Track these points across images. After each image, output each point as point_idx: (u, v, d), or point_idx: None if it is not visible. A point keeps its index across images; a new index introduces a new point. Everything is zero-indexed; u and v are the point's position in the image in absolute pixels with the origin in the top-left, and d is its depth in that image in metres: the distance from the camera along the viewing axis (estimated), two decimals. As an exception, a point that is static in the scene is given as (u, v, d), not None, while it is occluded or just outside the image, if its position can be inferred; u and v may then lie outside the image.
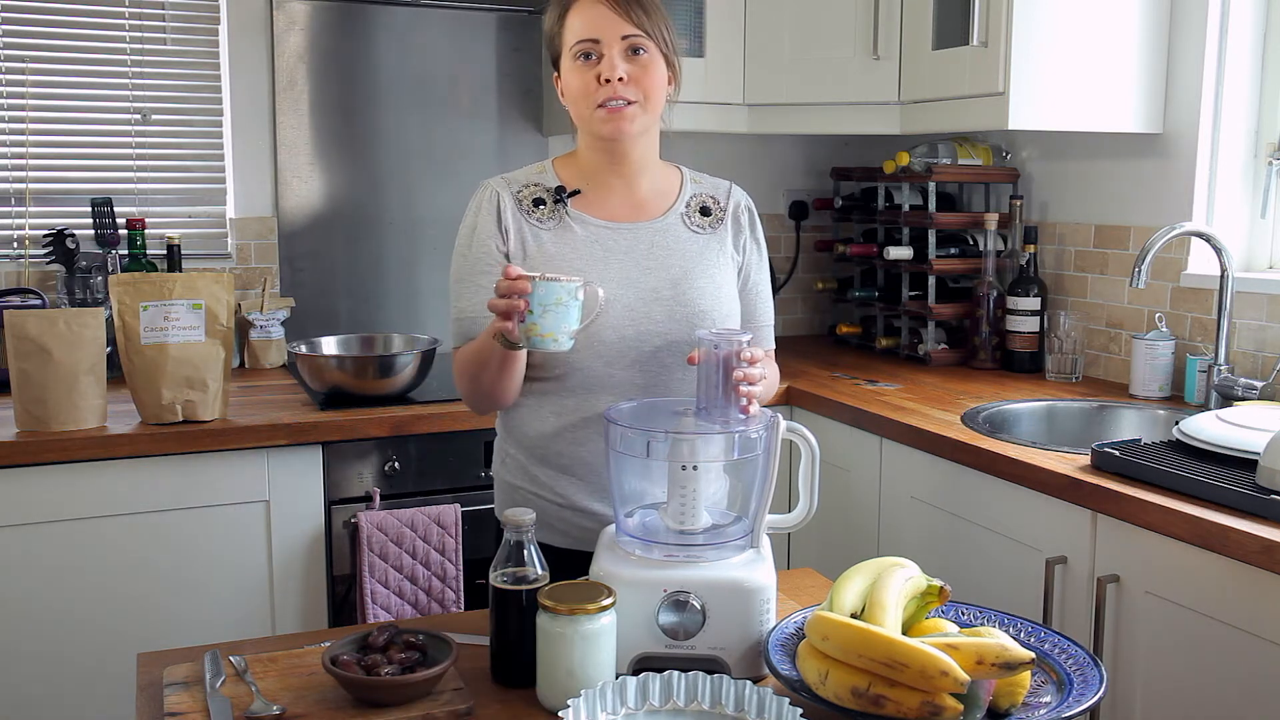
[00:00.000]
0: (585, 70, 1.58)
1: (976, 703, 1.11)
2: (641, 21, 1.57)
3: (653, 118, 1.63)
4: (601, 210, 1.67)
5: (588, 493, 1.65)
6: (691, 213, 1.71)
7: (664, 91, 1.63)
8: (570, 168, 1.71)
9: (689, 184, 1.75)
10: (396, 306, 3.06)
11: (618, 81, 1.56)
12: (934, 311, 2.88)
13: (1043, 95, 2.39)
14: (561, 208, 1.66)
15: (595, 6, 1.58)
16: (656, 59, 1.60)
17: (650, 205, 1.70)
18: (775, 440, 1.35)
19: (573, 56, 1.59)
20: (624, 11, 1.56)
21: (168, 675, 1.29)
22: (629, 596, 1.26)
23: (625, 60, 1.57)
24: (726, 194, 1.77)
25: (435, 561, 2.34)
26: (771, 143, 3.36)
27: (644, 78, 1.59)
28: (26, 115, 2.71)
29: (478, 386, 1.62)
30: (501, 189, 1.67)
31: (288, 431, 2.27)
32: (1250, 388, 2.23)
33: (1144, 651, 1.76)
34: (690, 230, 1.70)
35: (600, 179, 1.68)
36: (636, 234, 1.67)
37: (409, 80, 3.00)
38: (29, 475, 2.12)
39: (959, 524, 2.14)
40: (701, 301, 1.65)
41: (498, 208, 1.66)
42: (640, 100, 1.59)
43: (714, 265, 1.69)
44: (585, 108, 1.60)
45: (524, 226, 1.65)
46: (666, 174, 1.74)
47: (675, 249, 1.67)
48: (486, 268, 1.64)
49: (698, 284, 1.65)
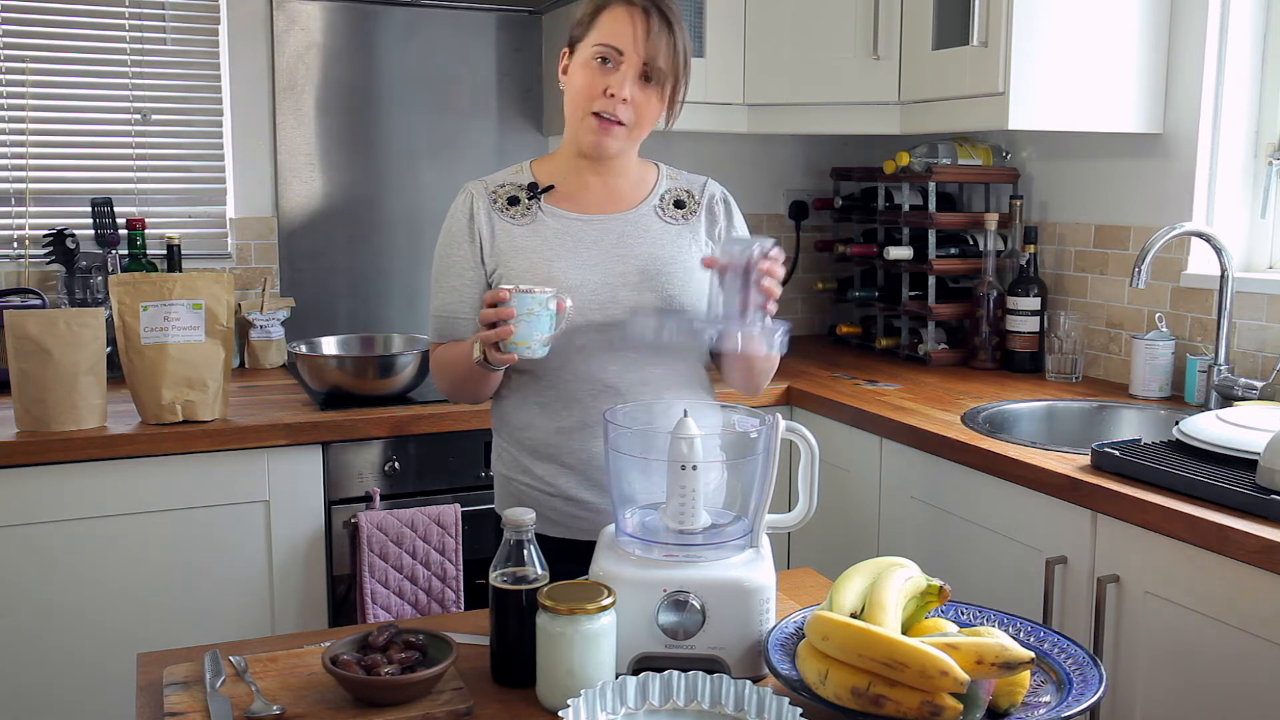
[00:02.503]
0: (597, 73, 1.62)
1: (976, 702, 1.11)
2: (666, 55, 1.62)
3: (635, 142, 1.70)
4: (575, 204, 1.72)
5: (577, 482, 1.69)
6: (665, 205, 1.75)
7: (655, 122, 1.69)
8: (547, 166, 1.76)
9: (664, 179, 1.79)
10: (397, 306, 3.06)
11: (620, 101, 1.61)
12: (934, 311, 2.88)
13: (1043, 95, 2.39)
14: (535, 203, 1.71)
15: (633, 20, 1.61)
16: (663, 92, 1.65)
17: (624, 198, 1.74)
18: (775, 440, 1.35)
19: (591, 55, 1.63)
20: (654, 40, 1.61)
21: (168, 675, 1.29)
22: (629, 596, 1.27)
23: (636, 83, 1.62)
24: (701, 188, 1.80)
25: (435, 561, 2.34)
26: (771, 143, 3.36)
27: (645, 107, 1.64)
28: (26, 115, 2.71)
29: (458, 391, 1.73)
30: (476, 191, 1.74)
31: (288, 431, 2.27)
32: (1250, 388, 2.23)
33: (1144, 651, 1.76)
34: (662, 221, 1.73)
35: (577, 176, 1.73)
36: (607, 224, 1.71)
37: (409, 80, 3.00)
38: (29, 475, 2.12)
39: (959, 524, 2.14)
40: (670, 287, 1.67)
41: (470, 209, 1.72)
42: (630, 124, 1.65)
43: (685, 253, 1.72)
44: (581, 108, 1.65)
45: (496, 224, 1.71)
46: (643, 170, 1.79)
47: (645, 238, 1.71)
48: (458, 270, 1.72)
49: (667, 269, 1.68)
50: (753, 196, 3.30)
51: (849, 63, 2.74)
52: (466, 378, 1.67)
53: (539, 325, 1.51)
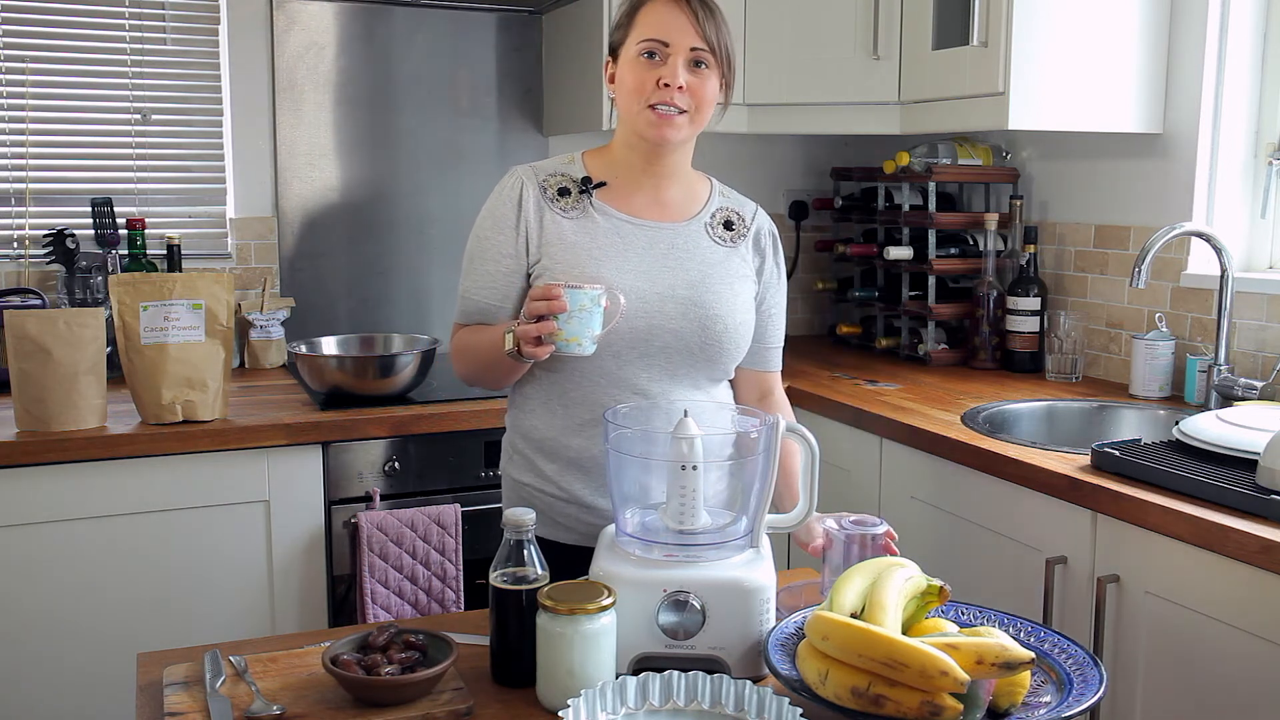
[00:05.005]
0: (647, 68, 1.60)
1: (976, 703, 1.11)
2: (710, 36, 1.61)
3: (697, 129, 1.67)
4: (626, 205, 1.69)
5: (593, 488, 1.67)
6: (715, 224, 1.73)
7: (713, 106, 1.66)
8: (599, 161, 1.73)
9: (716, 196, 1.77)
10: (397, 306, 3.06)
11: (676, 89, 1.59)
12: (934, 311, 2.88)
13: (1043, 95, 2.39)
14: (586, 198, 1.68)
15: (673, 11, 1.60)
16: (715, 74, 1.63)
17: (676, 209, 1.72)
18: (775, 440, 1.35)
19: (638, 52, 1.61)
20: (698, 23, 1.60)
21: (168, 675, 1.29)
22: (629, 596, 1.26)
23: (687, 70, 1.60)
24: (752, 215, 1.79)
25: (435, 561, 2.34)
26: (771, 143, 3.36)
27: (701, 90, 1.62)
28: (26, 115, 2.71)
29: (478, 376, 1.72)
30: (527, 177, 1.70)
31: (288, 431, 2.27)
32: (1250, 388, 2.23)
33: (1144, 651, 1.76)
34: (712, 240, 1.72)
35: (630, 175, 1.70)
36: (658, 233, 1.69)
37: (409, 80, 3.00)
38: (29, 475, 2.12)
39: (959, 524, 2.14)
40: (716, 306, 1.66)
41: (520, 196, 1.68)
42: (691, 111, 1.62)
43: (733, 276, 1.70)
44: (636, 104, 1.62)
45: (545, 214, 1.67)
46: (696, 182, 1.77)
47: (695, 254, 1.69)
48: (495, 255, 1.68)
49: (714, 289, 1.67)
50: (753, 196, 3.24)
51: (849, 62, 2.74)
52: (491, 365, 1.65)
53: (591, 322, 1.50)
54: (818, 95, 2.80)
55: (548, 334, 1.50)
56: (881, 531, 1.46)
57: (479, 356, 1.67)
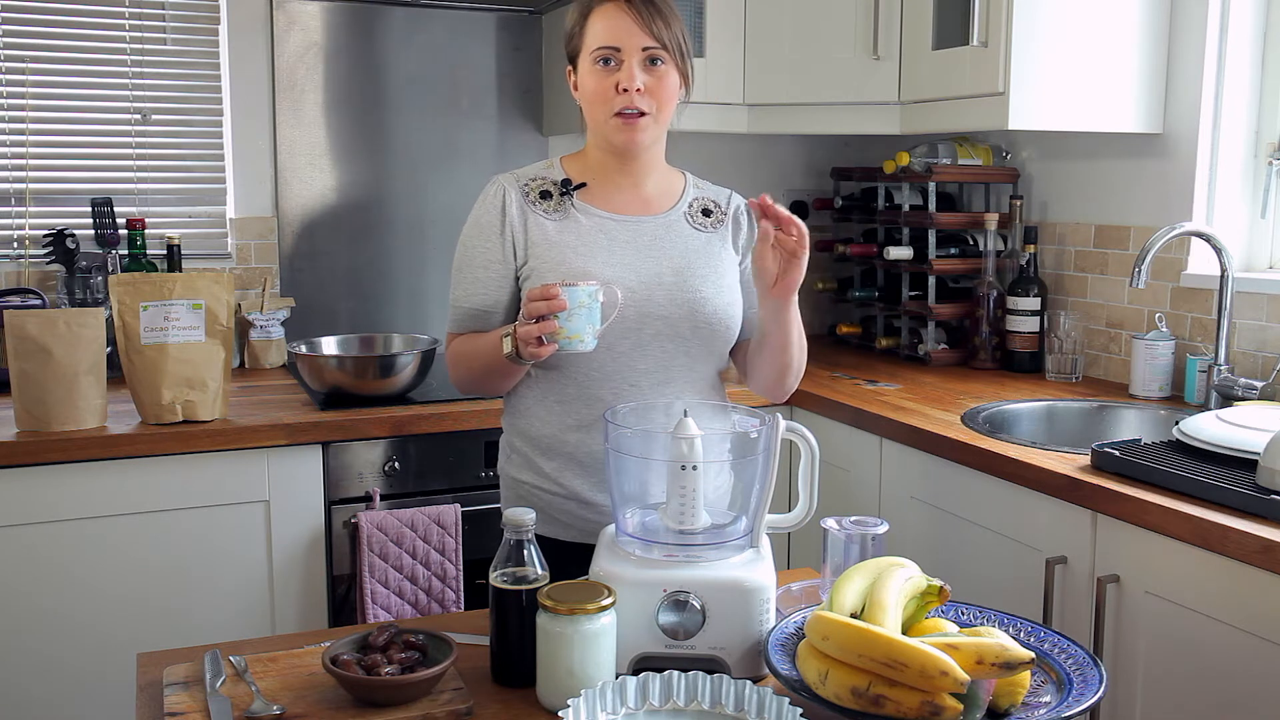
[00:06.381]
0: (604, 75, 1.63)
1: (976, 703, 1.11)
2: (661, 34, 1.62)
3: (663, 127, 1.69)
4: (607, 204, 1.72)
5: (592, 485, 1.68)
6: (694, 213, 1.76)
7: (675, 100, 1.68)
8: (577, 164, 1.76)
9: (691, 187, 1.80)
10: (397, 306, 3.06)
11: (635, 92, 1.61)
12: (934, 311, 2.88)
13: (1043, 95, 2.39)
14: (567, 200, 1.71)
15: (619, 15, 1.62)
16: (671, 69, 1.65)
17: (654, 202, 1.75)
18: (775, 440, 1.35)
19: (592, 60, 1.64)
20: (645, 24, 1.61)
21: (168, 675, 1.29)
22: (629, 596, 1.26)
23: (643, 70, 1.63)
24: (728, 199, 1.82)
25: (435, 561, 2.34)
26: (771, 143, 3.36)
27: (659, 89, 1.64)
28: (26, 115, 2.71)
29: (478, 384, 1.72)
30: (508, 183, 1.73)
31: (288, 431, 2.27)
32: (1250, 388, 2.23)
33: (1144, 651, 1.76)
34: (693, 227, 1.75)
35: (607, 176, 1.73)
36: (640, 226, 1.71)
37: (409, 80, 3.00)
38: (29, 475, 2.12)
39: (959, 524, 2.14)
40: (704, 289, 1.68)
41: (503, 202, 1.71)
42: (653, 111, 1.65)
43: (716, 259, 1.73)
44: (601, 113, 1.65)
45: (529, 217, 1.70)
46: (671, 176, 1.80)
47: (678, 242, 1.72)
48: (483, 262, 1.70)
49: (700, 273, 1.69)
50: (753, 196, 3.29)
51: (849, 63, 2.74)
52: (490, 370, 1.66)
53: (591, 318, 1.52)
54: (818, 95, 2.80)
55: (549, 333, 1.50)
56: (882, 532, 1.45)
57: (477, 362, 1.68)
